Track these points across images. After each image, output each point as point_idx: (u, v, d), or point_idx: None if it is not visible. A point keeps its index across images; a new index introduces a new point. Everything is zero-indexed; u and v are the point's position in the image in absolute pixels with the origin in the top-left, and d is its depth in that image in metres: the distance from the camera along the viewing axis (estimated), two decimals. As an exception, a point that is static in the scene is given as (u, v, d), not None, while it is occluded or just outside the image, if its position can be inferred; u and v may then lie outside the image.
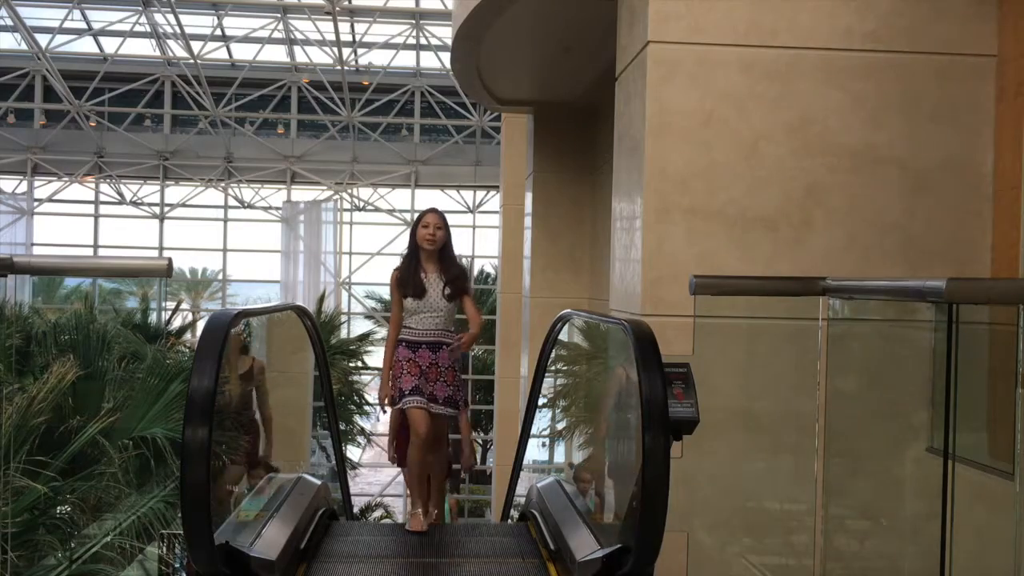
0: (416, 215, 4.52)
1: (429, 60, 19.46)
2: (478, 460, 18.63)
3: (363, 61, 19.58)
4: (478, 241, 19.81)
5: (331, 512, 4.58)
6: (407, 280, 4.38)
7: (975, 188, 3.84)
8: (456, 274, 4.42)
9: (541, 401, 5.68)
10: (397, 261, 4.69)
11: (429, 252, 4.39)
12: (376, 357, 17.92)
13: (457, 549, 4.05)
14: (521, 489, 5.86)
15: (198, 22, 18.86)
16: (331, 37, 18.01)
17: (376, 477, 19.64)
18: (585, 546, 3.42)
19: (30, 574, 5.83)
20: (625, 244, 4.14)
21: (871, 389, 3.63)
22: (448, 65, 12.48)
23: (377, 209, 20.55)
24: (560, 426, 7.05)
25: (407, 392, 4.30)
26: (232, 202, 20.22)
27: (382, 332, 19.35)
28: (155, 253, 19.55)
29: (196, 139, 20.10)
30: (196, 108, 19.49)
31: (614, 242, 4.39)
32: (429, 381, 4.33)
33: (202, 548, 2.72)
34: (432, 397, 4.33)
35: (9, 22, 17.80)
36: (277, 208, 20.36)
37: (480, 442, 19.02)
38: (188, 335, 14.12)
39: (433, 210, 4.49)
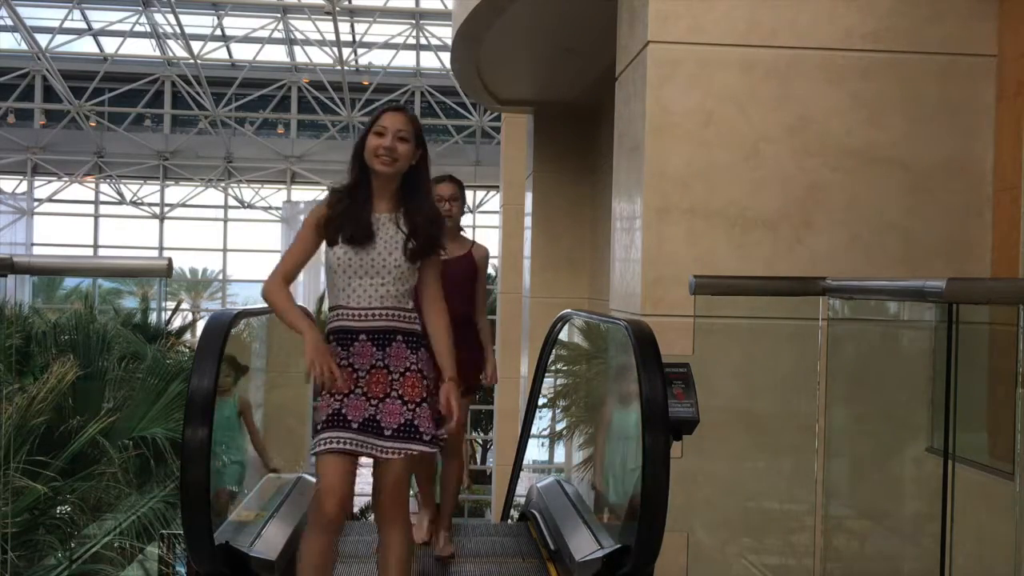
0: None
1: (429, 60, 19.46)
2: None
3: (363, 61, 19.58)
4: (478, 241, 19.79)
5: (331, 512, 4.57)
6: (345, 215, 2.63)
7: (975, 188, 3.84)
8: (427, 218, 2.68)
9: (541, 401, 5.68)
10: None
11: (384, 179, 2.65)
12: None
13: (457, 549, 4.05)
14: (521, 489, 5.86)
15: (198, 22, 18.86)
16: (331, 37, 18.01)
17: (376, 477, 19.59)
18: (585, 546, 3.42)
19: (30, 574, 5.83)
20: (625, 244, 4.14)
21: (871, 389, 3.63)
22: (448, 65, 12.50)
23: (377, 209, 20.54)
24: (560, 426, 7.05)
25: (321, 422, 2.59)
26: (232, 202, 20.23)
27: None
28: (155, 253, 19.56)
29: (196, 139, 20.11)
30: (196, 108, 19.49)
31: (614, 242, 4.39)
32: (370, 399, 2.58)
33: (202, 548, 2.72)
34: (371, 426, 2.57)
35: (9, 22, 17.80)
36: (277, 208, 20.36)
37: (480, 442, 19.02)
38: (188, 335, 14.12)
39: (398, 109, 2.70)
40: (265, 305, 2.73)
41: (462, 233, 4.17)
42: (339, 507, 2.56)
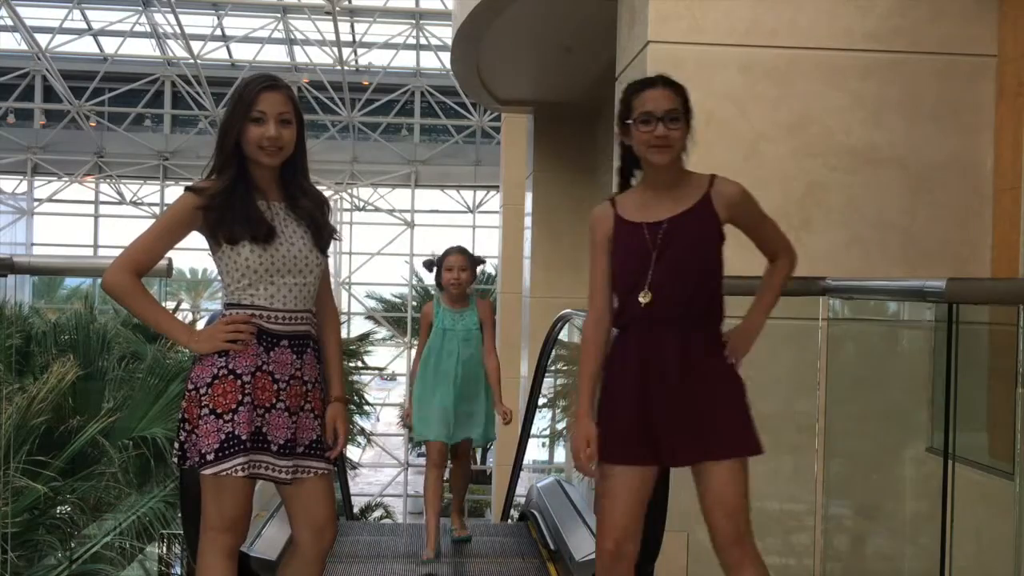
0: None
1: (429, 60, 19.47)
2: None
3: (363, 61, 19.59)
4: (478, 241, 19.81)
5: (331, 512, 4.57)
6: (234, 212, 2.22)
7: (975, 188, 3.84)
8: (315, 202, 2.36)
9: (541, 401, 5.69)
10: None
11: (267, 171, 2.29)
12: (377, 357, 17.91)
13: (457, 549, 4.05)
14: (521, 489, 5.86)
15: (198, 22, 18.88)
16: (331, 37, 18.02)
17: (376, 477, 19.64)
18: (585, 546, 3.42)
19: (30, 574, 5.84)
20: (625, 244, 4.14)
21: (871, 389, 3.63)
22: (448, 65, 12.52)
23: (377, 209, 20.55)
24: (560, 426, 7.05)
25: (228, 442, 2.16)
26: (232, 202, 20.19)
27: (382, 332, 19.36)
28: (155, 253, 19.51)
29: (196, 139, 20.10)
30: (196, 108, 19.50)
31: (614, 242, 4.38)
32: (291, 413, 2.26)
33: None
34: (287, 447, 2.24)
35: (9, 22, 17.81)
36: (277, 208, 20.33)
37: (480, 442, 19.00)
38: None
39: (273, 87, 2.31)
40: None
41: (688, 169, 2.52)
42: (243, 538, 2.31)
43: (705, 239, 2.35)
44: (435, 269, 4.12)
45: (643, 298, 2.27)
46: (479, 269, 4.22)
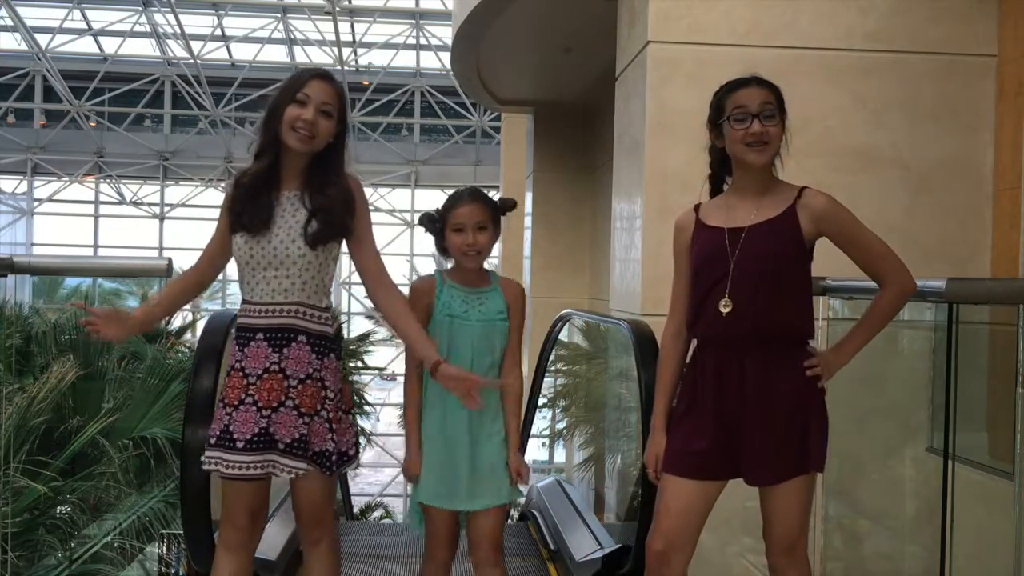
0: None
1: (429, 60, 19.48)
2: None
3: (363, 61, 19.59)
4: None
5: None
6: (245, 197, 2.26)
7: (975, 188, 3.84)
8: (333, 197, 2.23)
9: (541, 401, 5.69)
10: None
11: (295, 156, 2.24)
12: (377, 357, 17.90)
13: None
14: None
15: (198, 22, 18.88)
16: (331, 37, 18.02)
17: (376, 477, 19.63)
18: (585, 546, 3.42)
19: (30, 574, 5.83)
20: (625, 244, 4.14)
21: (871, 389, 3.62)
22: (448, 65, 12.52)
23: (377, 209, 20.54)
24: (560, 426, 7.05)
25: (210, 440, 2.22)
26: (232, 202, 20.20)
27: (382, 332, 19.36)
28: (155, 253, 19.58)
29: (196, 139, 20.12)
30: (196, 108, 19.51)
31: (614, 242, 4.39)
32: (261, 409, 2.17)
33: (202, 548, 2.72)
34: (264, 440, 2.17)
35: (9, 22, 17.81)
36: (277, 208, 20.33)
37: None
38: (188, 335, 14.12)
39: (326, 78, 2.29)
40: None
41: (776, 174, 2.38)
42: (245, 534, 2.30)
43: (783, 253, 2.19)
44: (438, 227, 2.55)
45: (724, 308, 2.16)
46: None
